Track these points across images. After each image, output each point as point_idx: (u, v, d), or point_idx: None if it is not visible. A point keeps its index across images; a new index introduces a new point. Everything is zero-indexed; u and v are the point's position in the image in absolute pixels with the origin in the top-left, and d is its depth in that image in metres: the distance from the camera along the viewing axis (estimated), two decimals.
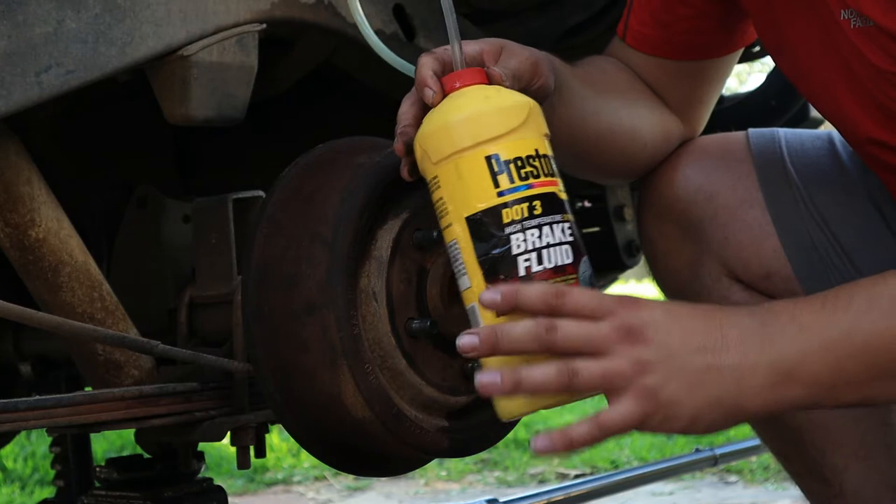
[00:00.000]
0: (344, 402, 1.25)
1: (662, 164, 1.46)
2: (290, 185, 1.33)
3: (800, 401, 1.07)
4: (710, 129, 1.53)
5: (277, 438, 4.32)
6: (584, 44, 1.88)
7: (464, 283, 1.09)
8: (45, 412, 1.31)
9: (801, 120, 2.39)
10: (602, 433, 1.02)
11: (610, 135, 1.39)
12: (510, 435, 1.73)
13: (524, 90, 1.16)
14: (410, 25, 1.56)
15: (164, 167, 1.94)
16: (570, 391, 1.03)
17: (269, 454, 3.51)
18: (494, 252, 1.06)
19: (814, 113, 2.37)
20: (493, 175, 1.06)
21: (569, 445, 1.02)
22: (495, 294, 1.02)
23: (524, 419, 1.48)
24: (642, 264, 2.20)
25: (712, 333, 1.05)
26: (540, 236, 1.06)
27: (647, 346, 1.03)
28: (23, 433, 3.92)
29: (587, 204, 2.47)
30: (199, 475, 1.72)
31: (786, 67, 1.39)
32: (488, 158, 1.07)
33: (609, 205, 2.33)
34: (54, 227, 1.36)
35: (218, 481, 1.78)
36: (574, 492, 2.57)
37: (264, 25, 1.38)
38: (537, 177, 1.07)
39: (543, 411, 1.15)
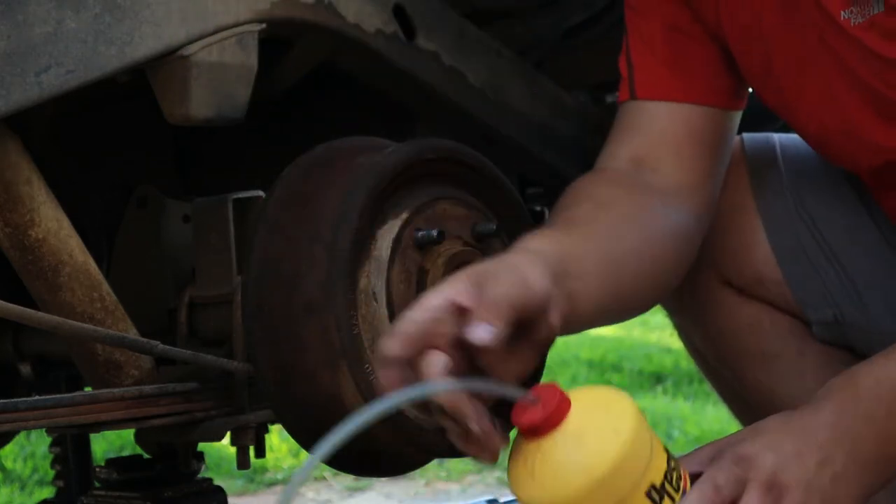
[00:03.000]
0: (344, 403, 1.25)
1: None
2: (290, 185, 1.33)
3: None
4: None
5: (277, 438, 4.31)
6: (584, 44, 1.88)
7: None
8: (45, 412, 1.31)
9: None
10: None
11: (636, 285, 1.25)
12: (510, 435, 1.72)
13: (527, 331, 1.03)
14: (411, 25, 1.56)
15: (164, 167, 1.94)
16: None
17: (269, 454, 3.51)
18: None
19: None
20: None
21: None
22: None
23: None
24: None
25: (813, 446, 1.07)
26: None
27: (791, 490, 1.05)
28: (23, 433, 3.91)
29: None
30: (199, 475, 1.72)
31: (773, 99, 1.34)
32: (649, 492, 0.99)
33: None
34: (54, 227, 1.36)
35: (218, 481, 1.78)
36: None
37: (264, 25, 1.38)
38: (679, 473, 1.03)
39: None
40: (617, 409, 0.99)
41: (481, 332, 0.94)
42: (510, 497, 2.55)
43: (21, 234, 1.34)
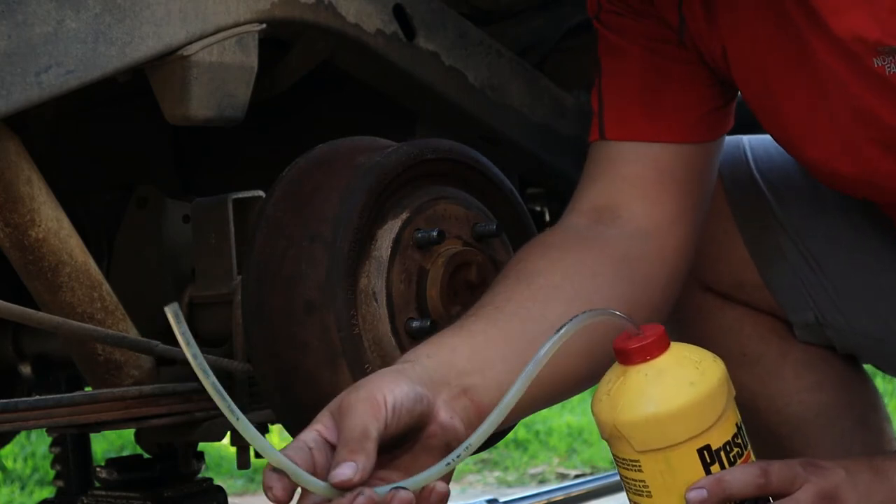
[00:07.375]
0: None
1: None
2: (289, 185, 1.33)
3: None
4: None
5: (277, 438, 4.32)
6: (584, 44, 1.88)
7: None
8: (45, 412, 1.32)
9: None
10: None
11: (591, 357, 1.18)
12: (510, 435, 1.73)
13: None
14: (411, 25, 1.56)
15: (163, 167, 1.94)
16: None
17: None
18: None
19: None
20: (706, 466, 1.03)
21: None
22: (701, 492, 1.03)
23: (524, 419, 1.48)
24: None
25: (884, 486, 1.11)
26: None
27: None
28: (23, 433, 3.92)
29: None
30: (199, 475, 1.72)
31: (778, 136, 1.30)
32: (701, 451, 1.03)
33: None
34: (54, 227, 1.36)
35: (218, 481, 1.79)
36: (574, 492, 2.57)
37: (264, 25, 1.38)
38: (742, 455, 1.06)
39: (543, 410, 1.15)
40: (705, 367, 1.04)
41: (345, 471, 0.94)
42: (510, 497, 2.55)
43: (21, 234, 1.34)
